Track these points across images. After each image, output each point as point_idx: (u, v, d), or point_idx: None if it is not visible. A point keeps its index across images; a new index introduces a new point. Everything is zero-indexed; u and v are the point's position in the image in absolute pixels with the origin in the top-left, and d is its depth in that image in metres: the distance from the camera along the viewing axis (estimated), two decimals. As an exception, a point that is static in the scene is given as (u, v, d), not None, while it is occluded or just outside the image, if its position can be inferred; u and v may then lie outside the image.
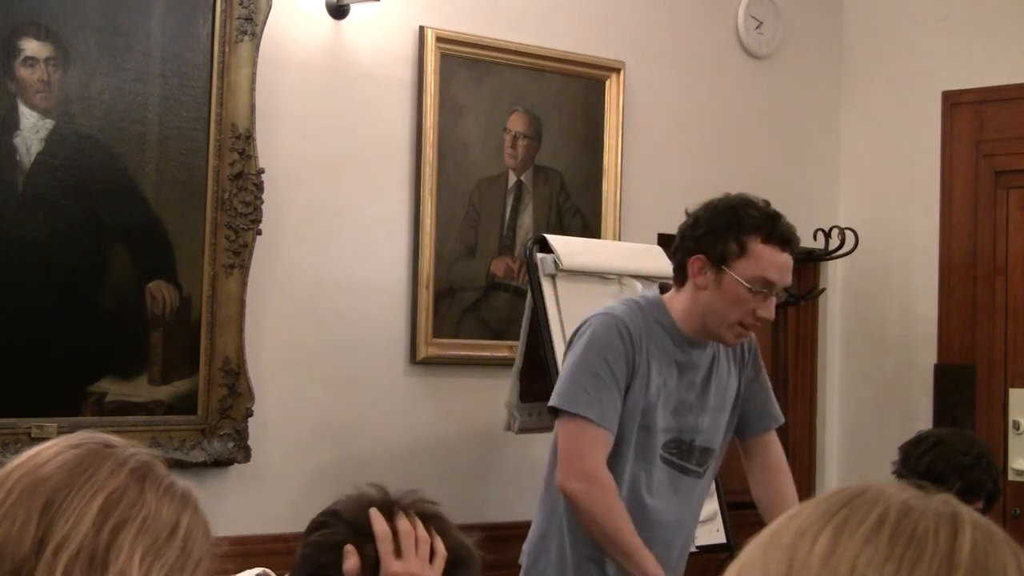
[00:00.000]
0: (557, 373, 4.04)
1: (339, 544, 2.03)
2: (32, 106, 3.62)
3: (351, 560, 1.99)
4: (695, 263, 3.13)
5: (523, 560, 3.33)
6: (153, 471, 1.60)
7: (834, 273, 5.45)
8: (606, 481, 3.09)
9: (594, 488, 3.07)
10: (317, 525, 2.11)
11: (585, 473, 3.08)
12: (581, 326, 3.24)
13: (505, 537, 3.38)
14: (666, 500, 3.24)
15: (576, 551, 3.20)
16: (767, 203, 3.20)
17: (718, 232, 3.11)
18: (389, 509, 2.03)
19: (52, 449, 1.57)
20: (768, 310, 3.13)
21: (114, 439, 1.64)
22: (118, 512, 1.52)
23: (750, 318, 3.12)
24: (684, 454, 3.26)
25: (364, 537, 2.00)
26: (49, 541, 1.49)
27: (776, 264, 3.10)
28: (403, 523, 1.99)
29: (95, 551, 1.50)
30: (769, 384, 3.44)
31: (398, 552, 1.99)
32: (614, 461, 3.14)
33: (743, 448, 3.43)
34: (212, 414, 3.92)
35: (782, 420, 3.46)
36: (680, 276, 3.19)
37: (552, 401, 3.16)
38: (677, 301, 3.19)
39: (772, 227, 3.11)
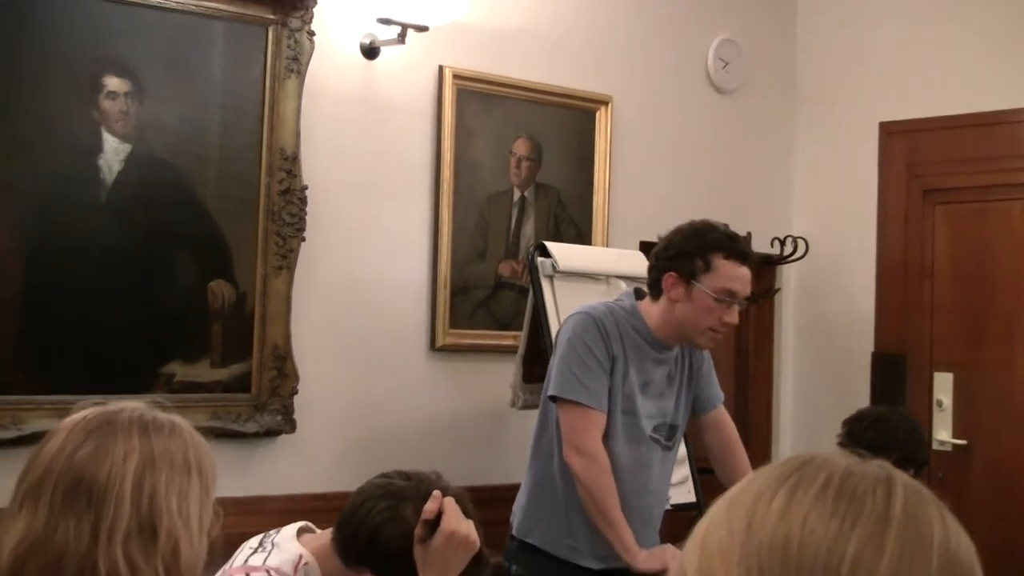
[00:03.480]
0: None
1: (402, 493, 2.08)
2: (113, 133, 3.63)
3: (434, 504, 2.03)
4: (668, 280, 3.13)
5: (513, 519, 3.34)
6: (149, 421, 1.57)
7: (788, 275, 5.45)
8: (601, 458, 3.10)
9: (592, 465, 3.09)
10: (383, 475, 2.16)
11: (584, 450, 3.09)
12: (563, 325, 3.25)
13: (508, 498, 3.39)
14: (654, 472, 3.26)
15: (571, 509, 3.21)
16: (727, 226, 3.20)
17: (687, 252, 3.11)
18: (441, 485, 2.07)
19: (70, 444, 1.53)
20: (733, 316, 3.13)
21: (104, 405, 1.59)
22: (148, 483, 1.51)
23: (719, 324, 3.12)
24: (665, 434, 3.28)
25: (422, 499, 2.06)
26: (101, 530, 1.47)
27: (737, 276, 3.11)
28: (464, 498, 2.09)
29: (142, 523, 1.49)
30: (713, 369, 3.45)
31: (466, 514, 2.05)
32: (610, 443, 3.15)
33: (700, 424, 3.45)
34: (263, 392, 3.92)
35: (723, 397, 3.47)
36: (656, 291, 3.18)
37: (550, 391, 3.17)
38: (653, 311, 3.19)
39: (732, 245, 3.12)
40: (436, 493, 2.04)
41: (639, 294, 3.28)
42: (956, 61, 5.03)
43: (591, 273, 4.28)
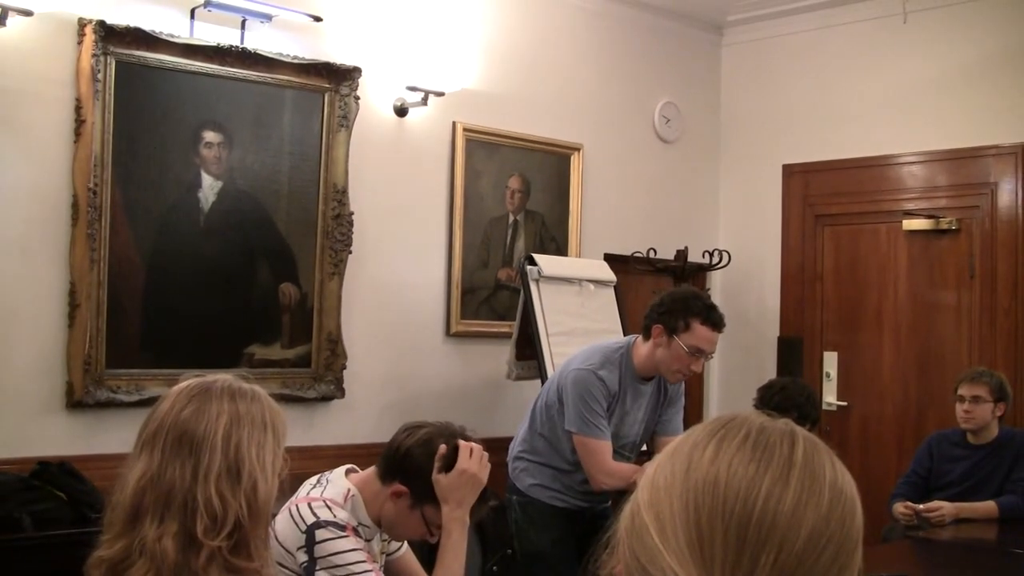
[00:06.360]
0: (540, 343, 4.04)
1: (434, 430, 2.08)
2: (209, 173, 3.63)
3: (443, 448, 2.03)
4: (656, 329, 3.05)
5: (509, 460, 3.34)
6: (236, 389, 1.56)
7: (716, 279, 5.45)
8: (617, 469, 3.06)
9: (615, 478, 3.05)
10: (412, 422, 2.15)
11: (608, 472, 3.05)
12: (570, 371, 3.13)
13: (504, 447, 3.38)
14: None
15: (541, 468, 3.23)
16: (709, 296, 3.11)
17: (673, 312, 3.02)
18: (464, 435, 2.07)
19: (177, 405, 1.53)
20: (697, 366, 3.06)
21: (202, 377, 1.58)
22: (234, 436, 1.51)
23: (686, 369, 3.05)
24: (628, 447, 3.24)
25: (447, 439, 2.05)
26: (199, 471, 1.48)
27: (708, 339, 3.02)
28: (475, 442, 2.06)
29: (230, 467, 1.49)
30: (682, 408, 3.32)
31: (471, 455, 2.04)
32: None
33: (656, 444, 3.32)
34: (320, 367, 3.92)
35: (681, 432, 3.30)
36: (647, 335, 3.09)
37: (570, 427, 3.10)
38: (642, 349, 3.11)
39: (708, 314, 3.02)
40: (443, 444, 2.04)
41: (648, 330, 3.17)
42: (840, 119, 5.05)
43: (567, 278, 4.28)
